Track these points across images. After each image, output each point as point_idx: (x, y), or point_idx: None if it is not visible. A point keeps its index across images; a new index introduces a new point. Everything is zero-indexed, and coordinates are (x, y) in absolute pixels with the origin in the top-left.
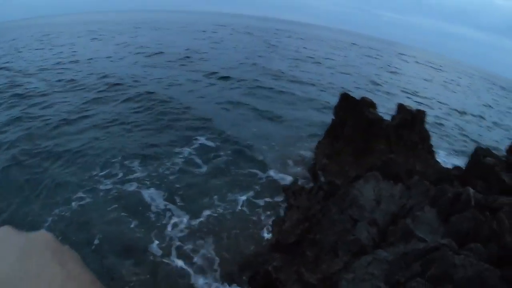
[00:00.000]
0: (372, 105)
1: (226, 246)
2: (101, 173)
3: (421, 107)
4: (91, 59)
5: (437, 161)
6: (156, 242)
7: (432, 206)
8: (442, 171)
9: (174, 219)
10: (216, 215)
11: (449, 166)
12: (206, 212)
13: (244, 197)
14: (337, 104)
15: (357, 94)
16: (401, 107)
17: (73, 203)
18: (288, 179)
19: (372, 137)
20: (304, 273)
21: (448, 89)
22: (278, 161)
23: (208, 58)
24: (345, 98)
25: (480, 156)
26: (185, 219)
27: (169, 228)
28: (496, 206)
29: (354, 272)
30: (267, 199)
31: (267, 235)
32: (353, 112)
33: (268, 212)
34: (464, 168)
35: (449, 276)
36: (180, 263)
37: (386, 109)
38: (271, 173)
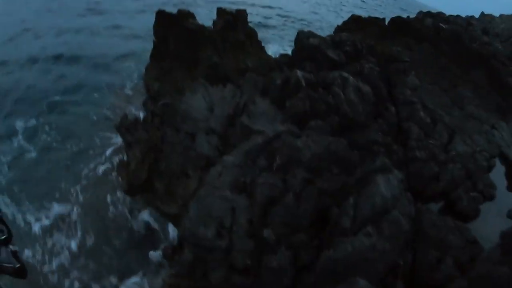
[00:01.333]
0: (190, 15)
1: (93, 222)
2: None
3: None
4: None
5: (268, 55)
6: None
7: (264, 97)
8: (272, 61)
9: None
10: (70, 196)
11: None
12: (64, 198)
13: (91, 165)
14: (155, 24)
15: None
16: (220, 11)
17: None
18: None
19: (197, 47)
20: (161, 206)
21: None
22: (109, 109)
23: None
24: (161, 15)
25: (303, 39)
26: (38, 217)
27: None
28: (328, 82)
29: (208, 185)
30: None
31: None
32: (173, 27)
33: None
34: (291, 55)
35: (297, 161)
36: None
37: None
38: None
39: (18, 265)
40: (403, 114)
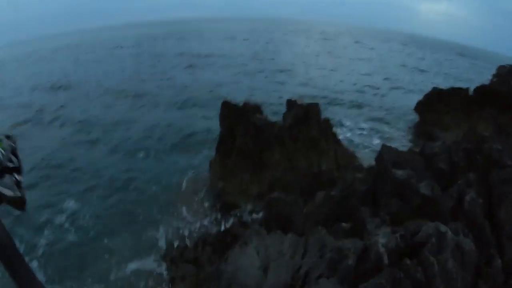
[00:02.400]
0: (257, 109)
1: None
2: None
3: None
4: None
5: (346, 148)
6: None
7: (331, 272)
8: (348, 157)
9: None
10: None
11: (359, 141)
12: None
13: (132, 267)
14: (220, 114)
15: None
16: (291, 103)
17: None
18: (190, 219)
19: (265, 145)
20: None
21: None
22: (170, 205)
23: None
24: (227, 106)
25: (388, 170)
26: None
27: None
28: (418, 241)
29: None
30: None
31: None
32: (239, 120)
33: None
34: (372, 182)
35: None
36: None
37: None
38: (163, 227)
39: (19, 195)
40: (510, 256)
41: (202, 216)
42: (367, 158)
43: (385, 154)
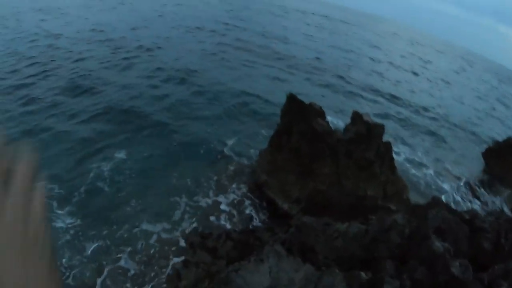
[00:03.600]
0: (320, 113)
1: None
2: None
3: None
4: None
5: (398, 177)
6: None
7: None
8: (384, 227)
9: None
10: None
11: (413, 167)
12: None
13: (143, 227)
14: (284, 106)
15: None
16: (356, 116)
17: None
18: (224, 200)
19: (318, 153)
20: None
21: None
22: (209, 178)
23: None
24: (292, 100)
25: (428, 235)
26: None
27: None
28: None
29: None
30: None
31: None
32: (300, 119)
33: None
34: (407, 237)
35: None
36: None
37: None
38: (199, 197)
39: None
40: None
41: (232, 202)
42: (416, 191)
43: (431, 212)
